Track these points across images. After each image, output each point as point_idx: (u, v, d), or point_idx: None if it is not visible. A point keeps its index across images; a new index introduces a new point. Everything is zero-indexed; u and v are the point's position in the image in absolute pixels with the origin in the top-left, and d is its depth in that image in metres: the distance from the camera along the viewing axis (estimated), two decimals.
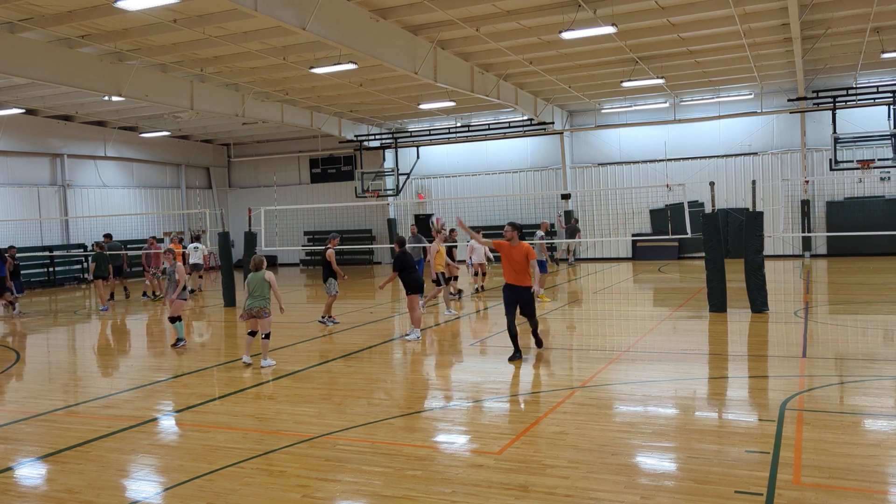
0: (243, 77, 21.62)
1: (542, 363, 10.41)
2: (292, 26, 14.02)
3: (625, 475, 5.84)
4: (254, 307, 10.56)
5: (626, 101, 28.12)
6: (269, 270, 10.84)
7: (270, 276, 10.77)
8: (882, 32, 18.98)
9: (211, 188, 35.87)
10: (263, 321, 10.63)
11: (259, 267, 10.73)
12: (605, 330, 13.81)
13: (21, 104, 23.01)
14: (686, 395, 8.48)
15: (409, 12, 15.95)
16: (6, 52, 15.94)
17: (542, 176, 31.04)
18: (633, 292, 19.32)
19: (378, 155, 33.12)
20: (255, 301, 10.60)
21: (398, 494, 5.61)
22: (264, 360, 10.59)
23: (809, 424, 6.93)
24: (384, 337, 13.38)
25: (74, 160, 28.75)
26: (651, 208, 28.79)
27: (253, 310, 10.56)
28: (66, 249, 28.03)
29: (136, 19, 15.38)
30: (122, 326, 16.57)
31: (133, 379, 10.52)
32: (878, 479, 5.67)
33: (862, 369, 9.40)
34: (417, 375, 10.32)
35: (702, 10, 16.33)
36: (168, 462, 6.64)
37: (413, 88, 23.71)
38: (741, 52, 20.26)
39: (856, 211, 26.06)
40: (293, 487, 5.86)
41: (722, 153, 28.06)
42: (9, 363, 12.01)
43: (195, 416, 8.23)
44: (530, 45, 19.06)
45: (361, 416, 7.84)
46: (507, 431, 7.10)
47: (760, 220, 14.37)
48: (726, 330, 12.76)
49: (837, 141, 24.73)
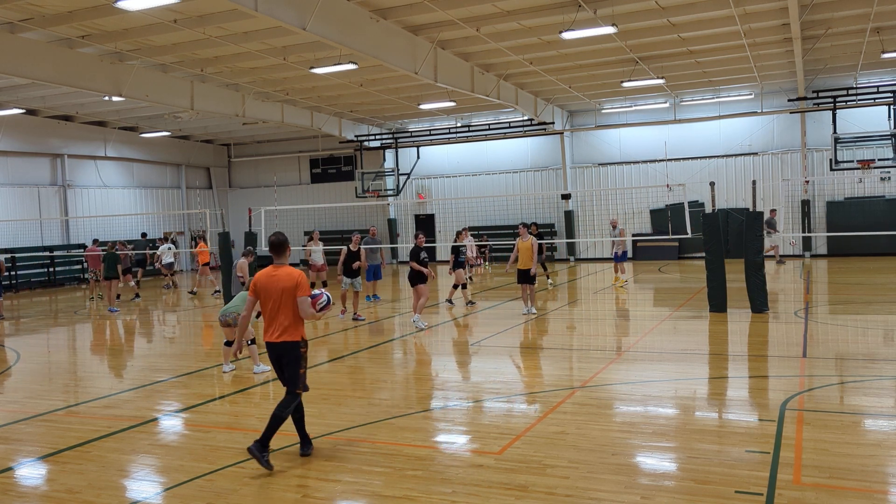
0: (243, 77, 21.62)
1: (542, 363, 10.41)
2: (292, 26, 14.02)
3: (625, 475, 5.84)
4: (229, 314, 10.36)
5: (627, 101, 28.12)
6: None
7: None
8: (882, 32, 18.98)
9: (211, 188, 35.86)
10: None
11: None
12: (606, 330, 13.81)
13: (21, 104, 23.00)
14: (686, 395, 8.48)
15: (409, 12, 15.94)
16: (6, 52, 15.94)
17: (542, 176, 31.03)
18: (633, 292, 19.32)
19: (378, 155, 33.12)
20: (231, 308, 10.44)
21: (398, 494, 5.61)
22: (256, 367, 10.34)
23: (810, 424, 6.93)
24: (384, 337, 13.38)
25: (74, 160, 28.75)
26: (651, 208, 28.79)
27: (229, 317, 10.35)
28: (66, 249, 28.03)
29: (136, 19, 15.38)
30: (125, 327, 16.55)
31: (133, 379, 10.52)
32: (879, 479, 5.67)
33: (862, 369, 9.40)
34: (417, 375, 10.31)
35: (702, 10, 16.33)
36: (168, 462, 6.64)
37: (413, 88, 23.71)
38: (741, 52, 20.26)
39: (856, 211, 26.06)
40: (293, 487, 5.86)
41: (722, 153, 28.06)
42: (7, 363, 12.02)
43: (196, 416, 8.23)
44: (530, 46, 19.05)
45: (361, 416, 7.84)
46: (507, 431, 7.09)
47: (760, 220, 14.37)
48: (726, 330, 12.75)
49: (837, 141, 24.71)
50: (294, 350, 6.55)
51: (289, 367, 6.55)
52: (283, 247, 6.73)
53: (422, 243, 13.94)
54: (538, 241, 16.45)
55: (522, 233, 15.03)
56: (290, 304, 6.50)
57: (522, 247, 14.93)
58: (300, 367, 6.56)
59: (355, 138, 31.97)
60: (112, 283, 18.97)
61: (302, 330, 6.61)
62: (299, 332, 6.57)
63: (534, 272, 14.93)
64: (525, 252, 14.87)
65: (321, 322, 15.57)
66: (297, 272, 6.58)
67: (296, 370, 6.54)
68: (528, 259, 14.82)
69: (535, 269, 15.10)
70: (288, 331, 6.52)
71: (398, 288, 22.00)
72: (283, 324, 6.52)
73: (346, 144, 32.68)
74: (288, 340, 6.53)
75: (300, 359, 6.57)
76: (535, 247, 14.96)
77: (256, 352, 10.52)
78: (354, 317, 15.19)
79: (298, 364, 6.55)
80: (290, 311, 6.50)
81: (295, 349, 6.54)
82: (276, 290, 6.52)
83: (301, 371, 6.56)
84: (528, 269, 14.84)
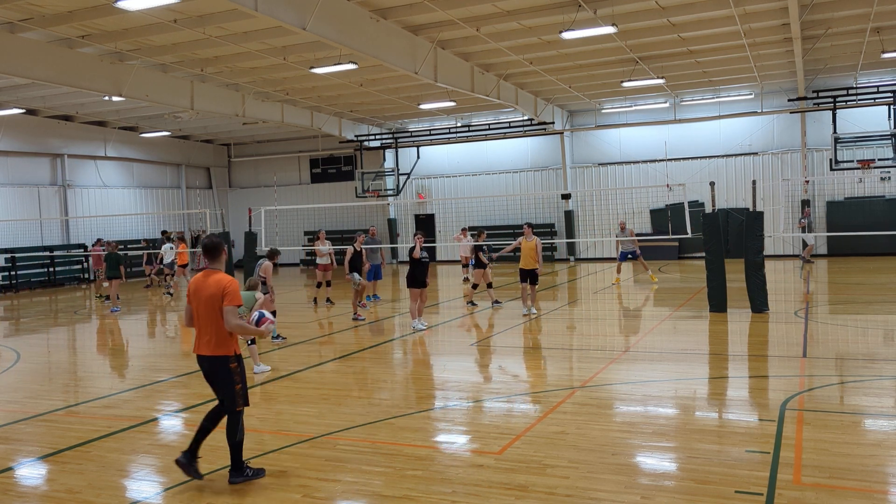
0: (243, 77, 21.62)
1: (542, 363, 10.41)
2: (292, 26, 14.01)
3: (625, 475, 5.84)
4: None
5: (627, 101, 28.11)
6: (259, 292, 10.84)
7: (260, 297, 10.78)
8: (882, 32, 18.97)
9: (211, 188, 35.86)
10: None
11: (253, 288, 10.78)
12: (605, 330, 13.81)
13: (21, 104, 23.00)
14: (686, 395, 8.48)
15: (409, 12, 15.94)
16: (6, 52, 15.93)
17: (542, 176, 31.02)
18: (633, 292, 19.32)
19: (378, 155, 33.12)
20: None
21: (398, 494, 5.61)
22: (256, 367, 10.35)
23: (810, 424, 6.93)
24: (384, 337, 13.38)
25: (74, 160, 28.74)
26: (651, 208, 28.78)
27: None
28: (66, 249, 28.03)
29: (136, 19, 15.37)
30: (127, 327, 16.54)
31: (133, 379, 10.53)
32: (879, 479, 5.67)
33: (862, 369, 9.40)
34: (417, 375, 10.31)
35: (702, 10, 16.33)
36: (168, 462, 6.63)
37: (413, 88, 23.71)
38: (741, 52, 20.26)
39: (856, 211, 26.06)
40: (293, 487, 5.86)
41: (722, 153, 28.05)
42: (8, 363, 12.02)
43: (196, 416, 8.22)
44: (530, 45, 19.05)
45: (361, 416, 7.84)
46: (507, 431, 7.09)
47: (761, 220, 14.36)
48: (726, 330, 12.75)
49: (837, 141, 24.71)
50: (223, 366, 5.94)
51: (221, 386, 5.99)
52: (216, 250, 6.12)
53: (421, 243, 13.82)
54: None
55: (527, 232, 15.08)
56: (216, 314, 5.88)
57: (526, 246, 14.97)
58: (234, 384, 5.96)
59: (355, 138, 31.97)
60: (113, 282, 18.96)
61: (234, 344, 6.00)
62: (230, 346, 5.96)
63: (540, 272, 15.06)
64: (529, 252, 14.90)
65: (322, 322, 15.59)
66: (228, 280, 5.95)
67: (230, 388, 5.95)
68: (531, 259, 14.86)
69: (541, 270, 15.20)
70: (216, 344, 5.92)
71: (398, 288, 21.99)
72: (210, 336, 5.93)
73: (346, 144, 32.68)
74: (216, 355, 5.93)
75: (232, 375, 5.95)
76: (540, 247, 15.02)
77: (256, 352, 10.52)
78: (354, 317, 15.14)
79: (231, 381, 5.95)
80: (217, 323, 5.89)
81: (224, 365, 5.94)
82: (203, 298, 5.93)
83: (236, 388, 5.97)
84: (531, 268, 14.90)
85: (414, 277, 13.56)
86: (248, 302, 10.58)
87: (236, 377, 5.98)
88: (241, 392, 6.00)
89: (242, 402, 5.99)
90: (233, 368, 5.96)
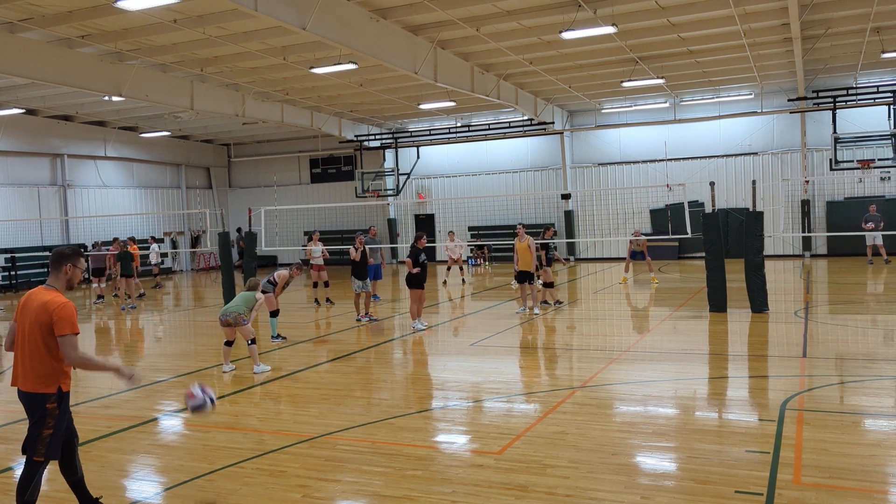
0: (243, 77, 21.61)
1: (542, 363, 10.41)
2: (292, 26, 14.01)
3: (625, 475, 5.84)
4: (229, 314, 10.30)
5: (627, 101, 28.11)
6: (259, 293, 10.85)
7: (260, 297, 10.79)
8: (882, 32, 18.98)
9: (211, 188, 35.86)
10: (243, 329, 10.34)
11: (253, 288, 10.79)
12: (605, 330, 13.80)
13: (21, 104, 23.00)
14: (686, 395, 8.48)
15: (409, 12, 15.94)
16: (6, 52, 15.93)
17: (542, 176, 31.02)
18: (633, 292, 19.32)
19: (378, 155, 33.12)
20: (232, 308, 10.41)
21: (398, 494, 5.61)
22: (256, 367, 10.30)
23: (809, 424, 6.93)
24: (385, 337, 13.38)
25: (74, 160, 28.74)
26: (651, 208, 28.78)
27: (229, 317, 10.28)
28: None
29: (136, 19, 15.37)
30: (125, 327, 16.55)
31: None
32: (878, 479, 5.67)
33: (862, 369, 9.40)
34: (417, 375, 10.31)
35: (702, 10, 16.33)
36: (168, 462, 6.64)
37: (413, 88, 23.70)
38: (741, 52, 20.26)
39: (856, 211, 26.01)
40: (293, 487, 5.86)
41: (722, 153, 28.05)
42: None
43: (195, 415, 8.21)
44: (530, 45, 19.05)
45: (361, 416, 7.84)
46: (507, 431, 7.09)
47: (761, 220, 14.36)
48: (726, 330, 12.75)
49: (837, 141, 24.71)
50: (39, 405, 4.83)
51: (31, 426, 4.89)
52: (57, 263, 5.03)
53: (423, 245, 13.76)
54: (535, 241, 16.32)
55: (520, 233, 15.17)
56: (37, 343, 4.80)
57: (519, 247, 15.06)
58: (44, 428, 4.85)
59: (355, 138, 31.97)
60: (128, 281, 19.56)
61: (61, 379, 4.90)
62: (54, 381, 4.86)
63: (536, 273, 15.10)
64: (523, 252, 14.96)
65: (322, 322, 15.59)
66: (60, 303, 4.85)
67: (37, 431, 4.85)
68: (527, 260, 14.93)
69: (542, 271, 15.18)
70: (35, 378, 4.83)
71: (398, 288, 21.99)
72: (30, 367, 4.85)
73: (345, 144, 32.68)
74: (34, 392, 4.83)
75: (45, 417, 4.84)
76: (534, 246, 15.01)
77: (256, 352, 10.51)
78: (368, 318, 15.07)
79: (42, 424, 4.85)
80: (37, 353, 4.81)
81: (40, 404, 4.83)
82: (27, 320, 4.87)
83: (44, 433, 4.84)
84: (528, 270, 14.97)
85: (414, 278, 13.57)
86: (249, 302, 10.59)
87: (49, 421, 4.86)
88: (50, 441, 4.87)
89: (46, 454, 4.86)
90: (48, 410, 4.84)
